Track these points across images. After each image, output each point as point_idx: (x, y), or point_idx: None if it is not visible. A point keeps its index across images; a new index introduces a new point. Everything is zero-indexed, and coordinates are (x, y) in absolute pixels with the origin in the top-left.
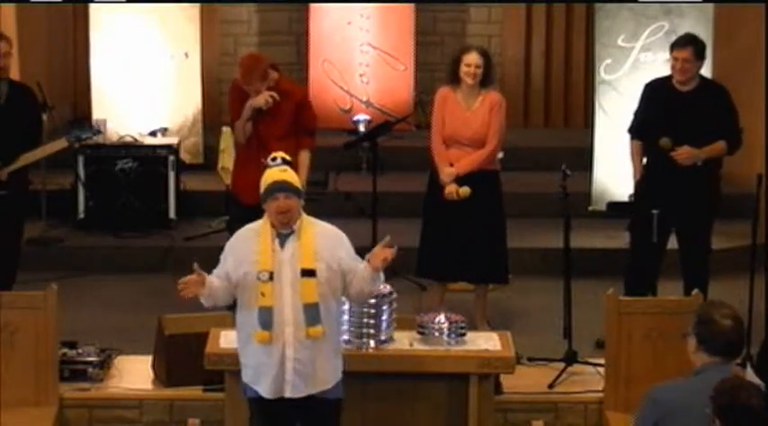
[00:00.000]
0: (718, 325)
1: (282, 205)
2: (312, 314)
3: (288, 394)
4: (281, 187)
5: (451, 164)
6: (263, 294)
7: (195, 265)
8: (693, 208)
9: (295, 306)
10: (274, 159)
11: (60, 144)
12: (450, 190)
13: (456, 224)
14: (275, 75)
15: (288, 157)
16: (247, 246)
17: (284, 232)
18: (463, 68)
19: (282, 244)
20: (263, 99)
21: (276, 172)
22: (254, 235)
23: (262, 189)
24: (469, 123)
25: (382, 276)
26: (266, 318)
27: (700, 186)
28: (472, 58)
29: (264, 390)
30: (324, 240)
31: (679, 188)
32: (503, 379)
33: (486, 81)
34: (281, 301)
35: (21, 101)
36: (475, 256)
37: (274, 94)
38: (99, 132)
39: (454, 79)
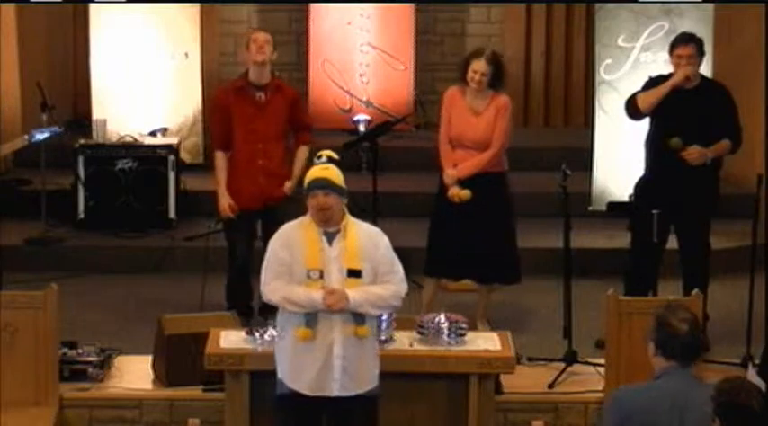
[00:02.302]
0: (674, 329)
1: (321, 202)
2: (359, 313)
3: (335, 392)
4: (320, 184)
5: (456, 166)
6: None
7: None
8: (694, 208)
9: None
10: (319, 157)
11: (20, 142)
12: (453, 193)
13: (465, 223)
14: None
15: (335, 156)
16: (297, 242)
17: (331, 230)
18: (469, 73)
19: (330, 243)
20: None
21: (318, 169)
22: (301, 229)
23: (304, 185)
24: (475, 126)
25: (392, 302)
26: (312, 316)
27: (701, 186)
28: (478, 65)
29: (305, 387)
30: (367, 240)
31: (681, 188)
32: (503, 379)
33: (495, 84)
34: None
35: None
36: (483, 256)
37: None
38: (60, 133)
39: (464, 81)
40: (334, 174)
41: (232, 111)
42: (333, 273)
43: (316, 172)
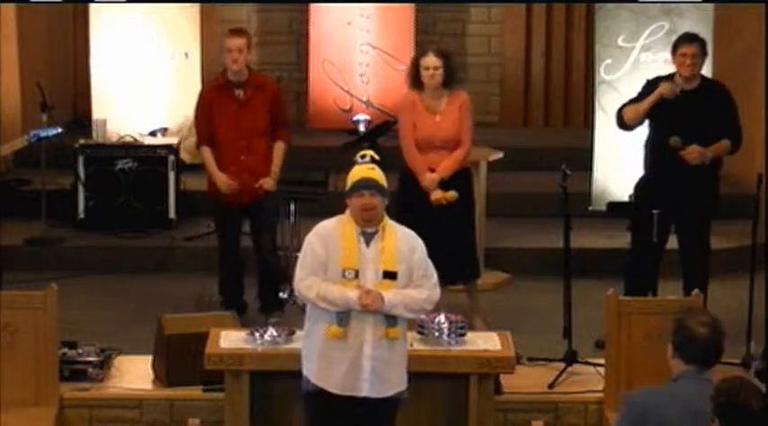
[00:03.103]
0: (693, 333)
1: (367, 202)
2: (392, 315)
3: (365, 393)
4: (367, 184)
5: (431, 169)
6: None
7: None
8: (694, 208)
9: None
10: (363, 156)
11: (20, 143)
12: (438, 196)
13: (434, 224)
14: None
15: (377, 156)
16: (334, 240)
17: (369, 231)
18: (422, 72)
19: (368, 243)
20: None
21: (364, 169)
22: (339, 227)
23: (348, 184)
24: (441, 126)
25: (425, 305)
26: (344, 315)
27: (701, 186)
28: (429, 61)
29: (334, 386)
30: (404, 243)
31: (681, 187)
32: (503, 379)
33: (449, 81)
34: None
35: None
36: (452, 256)
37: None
38: (60, 132)
39: (416, 83)
40: (379, 175)
41: (214, 109)
42: (368, 274)
43: (362, 172)
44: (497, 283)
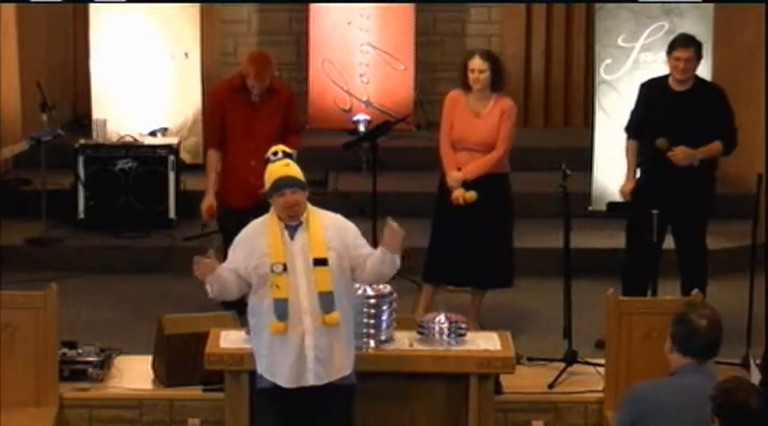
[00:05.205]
0: (692, 325)
1: (290, 200)
2: (327, 301)
3: (311, 381)
4: (287, 182)
5: (459, 169)
6: (277, 286)
7: (210, 251)
8: (689, 209)
9: (311, 295)
10: (275, 153)
11: (21, 146)
12: (457, 195)
13: (467, 228)
14: None
15: (289, 150)
16: (258, 240)
17: (292, 224)
18: (469, 74)
19: (292, 236)
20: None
21: (279, 166)
22: (263, 228)
23: (267, 184)
24: (478, 128)
25: (397, 259)
26: (282, 309)
27: (695, 187)
28: (474, 63)
29: (283, 379)
30: (331, 228)
31: (675, 188)
32: (503, 379)
33: (496, 85)
34: (296, 292)
35: None
36: (484, 261)
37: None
38: (59, 134)
39: (464, 84)
40: (296, 170)
41: (227, 111)
42: (297, 265)
43: (278, 170)
44: None
